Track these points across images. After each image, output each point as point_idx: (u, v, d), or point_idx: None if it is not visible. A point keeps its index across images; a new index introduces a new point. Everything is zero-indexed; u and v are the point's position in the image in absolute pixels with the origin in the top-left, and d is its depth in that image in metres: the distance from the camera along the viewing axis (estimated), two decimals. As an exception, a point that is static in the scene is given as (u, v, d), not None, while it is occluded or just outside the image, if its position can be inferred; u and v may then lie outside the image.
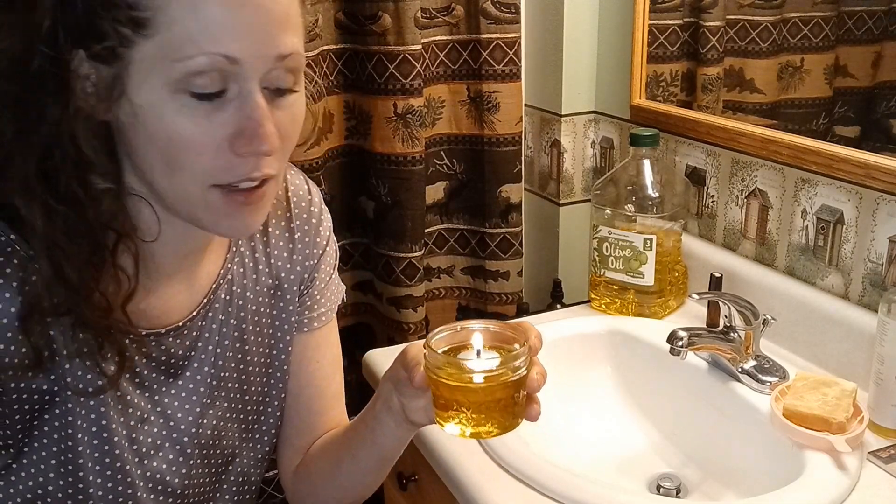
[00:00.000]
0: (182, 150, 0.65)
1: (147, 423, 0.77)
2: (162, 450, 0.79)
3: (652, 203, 1.28)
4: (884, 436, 1.00)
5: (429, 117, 1.51)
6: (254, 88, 0.66)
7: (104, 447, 0.74)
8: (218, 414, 0.84)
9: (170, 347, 0.78)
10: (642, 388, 1.23)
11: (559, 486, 0.92)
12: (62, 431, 0.72)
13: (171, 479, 0.81)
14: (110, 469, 0.75)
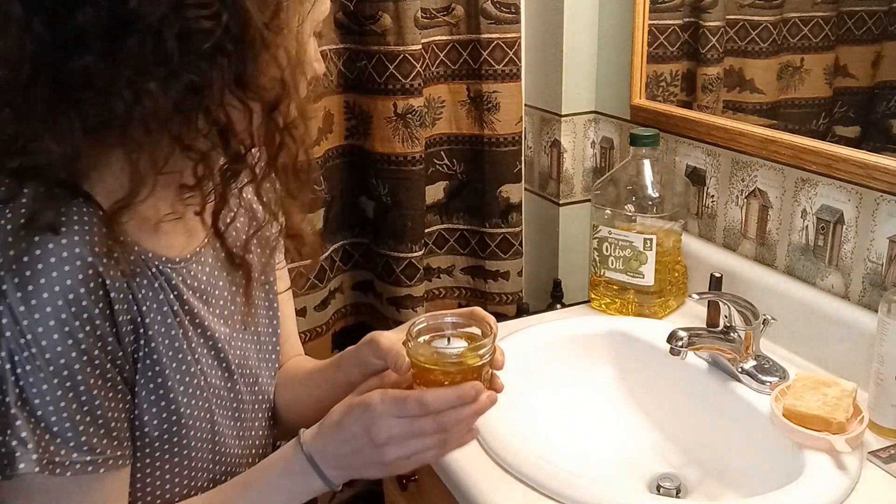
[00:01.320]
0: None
1: (199, 345, 0.82)
2: (214, 368, 0.84)
3: (652, 203, 1.28)
4: (884, 436, 1.00)
5: (429, 117, 1.51)
6: None
7: (182, 367, 0.79)
8: (239, 336, 0.89)
9: (198, 274, 0.82)
10: (642, 388, 1.23)
11: (559, 486, 0.92)
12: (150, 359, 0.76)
13: (226, 394, 0.86)
14: (191, 387, 0.80)
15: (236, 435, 0.88)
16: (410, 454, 0.77)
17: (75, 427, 0.69)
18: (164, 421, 0.78)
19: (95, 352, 0.70)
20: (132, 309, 0.73)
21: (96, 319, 0.69)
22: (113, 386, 0.72)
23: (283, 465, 0.79)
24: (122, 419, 0.74)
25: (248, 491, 0.79)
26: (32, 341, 0.67)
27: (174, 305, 0.78)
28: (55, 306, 0.67)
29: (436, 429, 0.76)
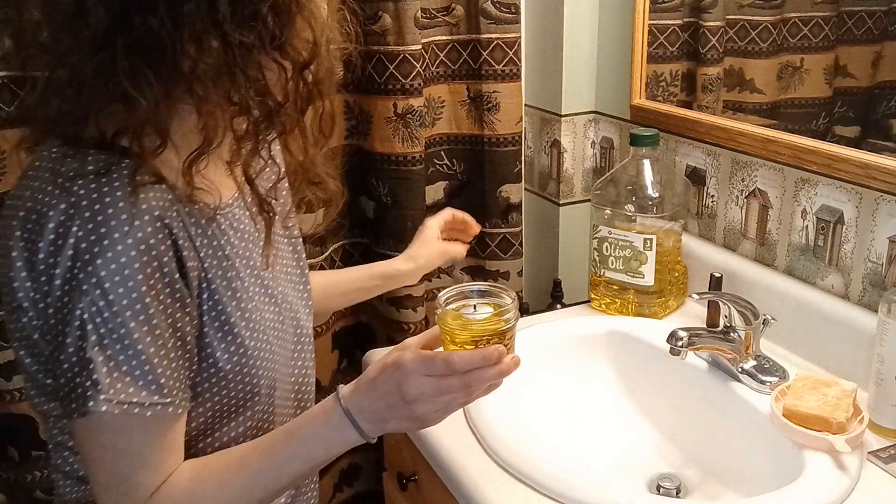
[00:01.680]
0: None
1: (251, 284, 0.88)
2: (266, 304, 0.90)
3: (652, 203, 1.28)
4: (884, 436, 1.00)
5: (429, 117, 1.51)
6: None
7: (241, 304, 0.85)
8: (280, 276, 0.95)
9: (242, 217, 0.88)
10: (642, 388, 1.23)
11: (559, 486, 0.93)
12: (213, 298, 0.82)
13: (278, 326, 0.92)
14: (251, 321, 0.86)
15: (288, 363, 0.95)
16: (439, 409, 0.82)
17: (145, 370, 0.75)
18: (233, 354, 0.84)
19: (167, 300, 0.76)
20: (196, 257, 0.80)
21: (165, 268, 0.75)
22: (182, 337, 0.78)
23: (323, 418, 0.84)
24: (184, 367, 0.79)
25: (291, 440, 0.84)
26: (110, 289, 0.72)
27: (226, 249, 0.85)
28: (129, 256, 0.72)
29: (461, 387, 0.81)
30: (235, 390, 0.86)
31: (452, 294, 0.89)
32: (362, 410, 0.82)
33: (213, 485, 0.82)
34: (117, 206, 0.73)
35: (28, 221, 0.75)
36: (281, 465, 0.83)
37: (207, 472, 0.82)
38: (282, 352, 0.93)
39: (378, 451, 1.32)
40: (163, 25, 0.71)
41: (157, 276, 0.75)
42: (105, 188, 0.73)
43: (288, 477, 0.83)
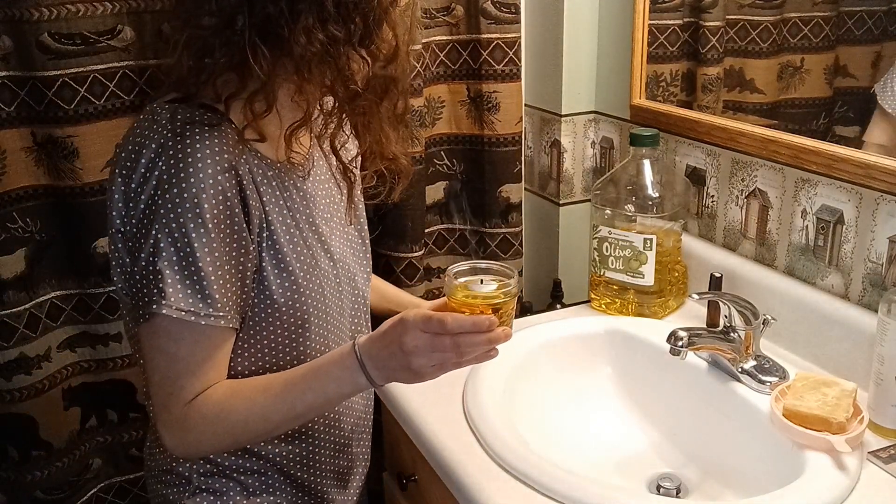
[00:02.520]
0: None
1: (310, 237, 1.00)
2: (322, 257, 1.01)
3: (652, 203, 1.28)
4: (884, 436, 1.00)
5: (429, 117, 1.51)
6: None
7: (297, 248, 0.97)
8: (338, 238, 1.06)
9: (307, 182, 1.00)
10: (642, 388, 1.23)
11: (559, 486, 0.93)
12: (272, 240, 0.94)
13: (333, 278, 1.03)
14: (304, 263, 0.97)
15: (346, 318, 1.07)
16: (433, 363, 0.89)
17: (203, 285, 0.87)
18: (286, 289, 0.96)
19: (230, 231, 0.88)
20: (259, 201, 0.92)
21: (229, 201, 0.88)
22: (240, 266, 0.90)
23: (339, 360, 0.93)
24: (238, 292, 0.91)
25: (310, 374, 0.94)
26: (182, 214, 0.85)
27: (288, 202, 0.97)
28: (200, 189, 0.85)
29: (452, 347, 0.88)
30: (288, 322, 0.97)
31: (463, 269, 0.96)
32: (371, 357, 0.91)
33: (241, 401, 0.92)
34: (196, 150, 0.86)
35: (128, 159, 0.89)
36: (297, 395, 0.92)
37: (239, 389, 0.93)
38: (336, 302, 1.04)
39: (378, 451, 1.32)
40: (281, 15, 0.85)
41: (224, 209, 0.87)
42: (189, 134, 0.87)
43: (303, 405, 0.93)
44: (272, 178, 0.96)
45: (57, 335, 1.31)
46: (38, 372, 1.28)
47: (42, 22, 1.14)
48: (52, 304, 1.29)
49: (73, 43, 1.16)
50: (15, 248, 1.23)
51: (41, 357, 1.28)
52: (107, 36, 1.19)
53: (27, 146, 1.21)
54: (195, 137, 0.88)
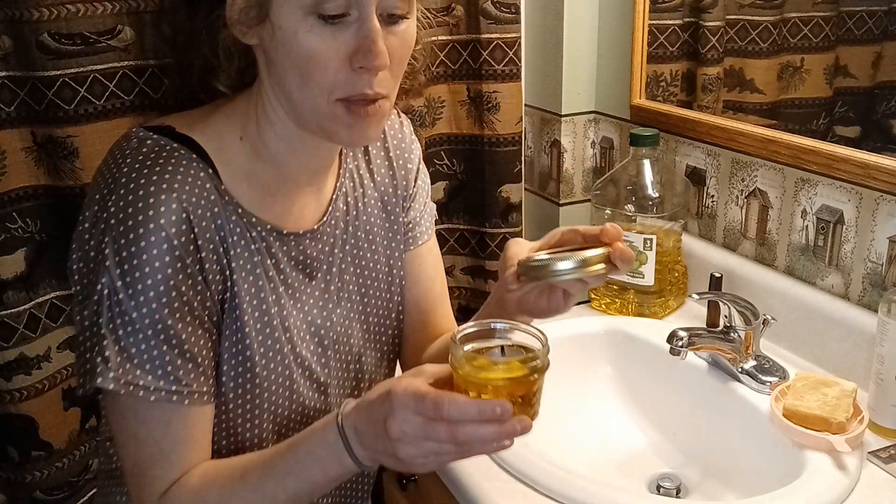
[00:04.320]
0: (312, 64, 0.77)
1: (291, 316, 0.89)
2: (305, 340, 0.91)
3: (652, 203, 1.28)
4: (884, 436, 1.00)
5: (429, 117, 1.51)
6: (371, 12, 0.76)
7: (265, 330, 0.86)
8: (343, 314, 0.96)
9: (306, 249, 0.90)
10: (642, 388, 1.23)
11: (559, 486, 0.92)
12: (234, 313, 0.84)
13: (315, 366, 0.92)
14: (271, 351, 0.87)
15: (319, 409, 0.93)
16: (425, 454, 0.72)
17: (160, 358, 0.77)
18: (238, 375, 0.85)
19: (186, 294, 0.78)
20: (221, 261, 0.82)
21: (185, 263, 0.78)
22: (201, 324, 0.80)
23: (321, 436, 0.78)
24: (208, 357, 0.81)
25: (290, 455, 0.80)
26: (129, 271, 0.76)
27: (269, 272, 0.86)
28: (150, 243, 0.76)
29: (449, 438, 0.70)
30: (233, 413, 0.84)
31: (470, 331, 0.77)
32: (357, 432, 0.76)
33: (216, 493, 0.80)
34: (149, 193, 0.77)
35: (90, 193, 0.81)
36: (278, 482, 0.79)
37: (214, 477, 0.81)
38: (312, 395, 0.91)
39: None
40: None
41: (178, 268, 0.77)
42: (146, 171, 0.78)
43: (286, 495, 0.79)
44: (253, 241, 0.84)
45: (57, 335, 1.30)
46: (37, 372, 1.28)
47: (42, 22, 1.13)
48: (51, 304, 1.29)
49: (73, 43, 1.16)
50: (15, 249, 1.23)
51: (41, 357, 1.28)
52: (107, 36, 1.19)
53: (27, 146, 1.21)
54: (152, 177, 0.77)
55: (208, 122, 0.85)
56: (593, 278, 0.80)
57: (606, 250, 0.79)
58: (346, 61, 0.77)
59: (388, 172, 1.01)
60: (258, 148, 0.86)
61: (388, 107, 0.83)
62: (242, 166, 0.85)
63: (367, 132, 0.82)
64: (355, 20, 0.77)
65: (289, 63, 0.78)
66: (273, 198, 0.87)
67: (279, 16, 0.77)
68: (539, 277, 0.80)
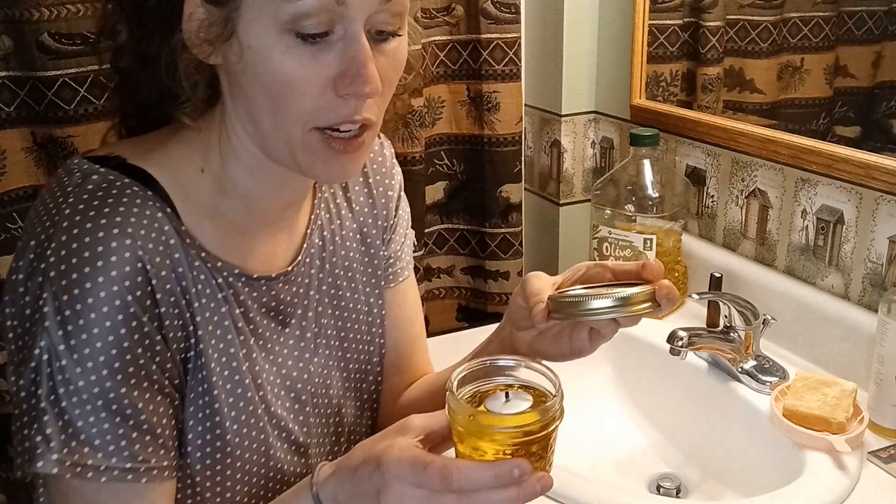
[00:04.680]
0: (287, 90, 0.67)
1: (264, 371, 0.79)
2: (280, 397, 0.80)
3: (652, 203, 1.28)
4: (884, 436, 1.00)
5: (429, 117, 1.51)
6: (358, 30, 0.66)
7: (237, 390, 0.75)
8: (321, 362, 0.85)
9: (279, 294, 0.80)
10: (642, 388, 1.23)
11: (559, 486, 0.92)
12: (201, 373, 0.73)
13: (293, 426, 0.82)
14: (244, 413, 0.76)
15: (299, 473, 0.82)
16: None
17: (111, 432, 0.66)
18: (207, 444, 0.74)
19: (140, 355, 0.67)
20: (183, 315, 0.71)
21: (143, 316, 0.67)
22: (159, 390, 0.69)
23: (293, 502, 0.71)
24: (169, 426, 0.70)
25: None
26: (73, 333, 0.64)
27: (238, 322, 0.75)
28: (98, 298, 0.65)
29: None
30: (200, 485, 0.74)
31: (468, 372, 0.67)
32: (338, 502, 0.67)
33: None
34: (97, 239, 0.65)
35: (25, 236, 0.70)
36: None
37: None
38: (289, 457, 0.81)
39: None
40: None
41: (132, 327, 0.66)
42: (92, 213, 0.66)
43: None
44: (220, 288, 0.74)
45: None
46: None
47: (42, 22, 1.13)
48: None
49: (73, 43, 1.16)
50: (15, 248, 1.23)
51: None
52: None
53: (27, 146, 1.21)
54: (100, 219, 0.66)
55: (165, 152, 0.73)
56: (632, 319, 0.73)
57: (651, 287, 0.71)
58: (328, 87, 0.67)
59: (368, 201, 0.92)
60: (222, 182, 0.75)
61: (373, 137, 0.73)
62: (205, 203, 0.74)
63: (347, 168, 0.72)
64: (340, 38, 0.66)
65: (259, 88, 0.68)
66: (240, 237, 0.77)
67: (249, 34, 0.66)
68: (575, 315, 0.70)
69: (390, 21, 0.69)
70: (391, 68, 0.71)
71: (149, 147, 0.74)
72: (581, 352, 0.77)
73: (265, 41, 0.65)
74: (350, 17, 0.66)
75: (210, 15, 0.66)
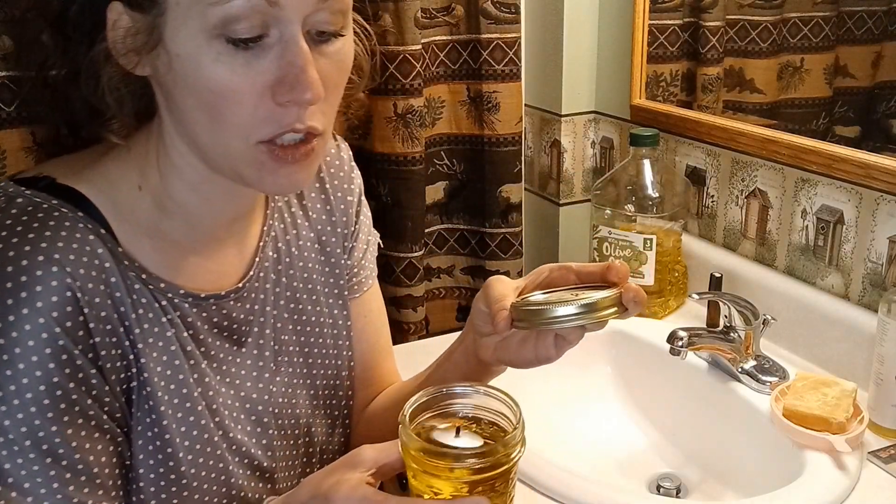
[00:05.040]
0: (221, 100, 0.62)
1: (220, 395, 0.74)
2: (240, 422, 0.76)
3: (652, 203, 1.28)
4: (884, 436, 1.00)
5: (429, 117, 1.51)
6: (296, 32, 0.62)
7: (189, 419, 0.71)
8: (285, 380, 0.81)
9: (231, 312, 0.76)
10: (642, 388, 1.23)
11: (559, 486, 0.92)
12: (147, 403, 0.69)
13: (255, 451, 0.77)
14: (199, 444, 0.72)
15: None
16: None
17: (42, 475, 0.61)
18: (160, 477, 0.70)
19: (71, 385, 0.63)
20: (122, 344, 0.67)
21: (75, 349, 0.63)
22: (97, 427, 0.65)
23: None
24: (110, 464, 0.66)
25: None
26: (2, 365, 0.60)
27: (187, 346, 0.72)
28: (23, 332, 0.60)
29: None
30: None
31: (422, 402, 0.63)
32: None
33: None
34: (21, 268, 0.61)
35: None
36: None
37: None
38: (253, 483, 0.78)
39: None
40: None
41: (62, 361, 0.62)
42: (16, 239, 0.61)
43: None
44: (164, 311, 0.69)
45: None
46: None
47: (42, 22, 1.13)
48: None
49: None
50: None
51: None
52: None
53: (27, 146, 1.21)
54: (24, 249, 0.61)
55: (98, 169, 0.69)
56: (599, 324, 0.69)
57: (617, 291, 0.68)
58: (265, 95, 0.62)
59: (325, 208, 0.87)
60: (162, 199, 0.70)
61: (324, 144, 0.68)
62: (144, 222, 0.69)
63: (298, 177, 0.67)
64: (276, 42, 0.61)
65: (192, 100, 0.63)
66: (185, 256, 0.72)
67: (176, 41, 0.61)
68: (539, 324, 0.68)
69: (331, 20, 0.64)
70: (335, 71, 0.66)
71: (82, 165, 0.69)
72: (547, 359, 0.74)
73: (194, 48, 0.61)
74: (285, 18, 0.61)
75: (135, 22, 0.62)
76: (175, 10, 0.61)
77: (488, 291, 0.73)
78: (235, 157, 0.65)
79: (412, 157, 1.44)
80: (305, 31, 0.62)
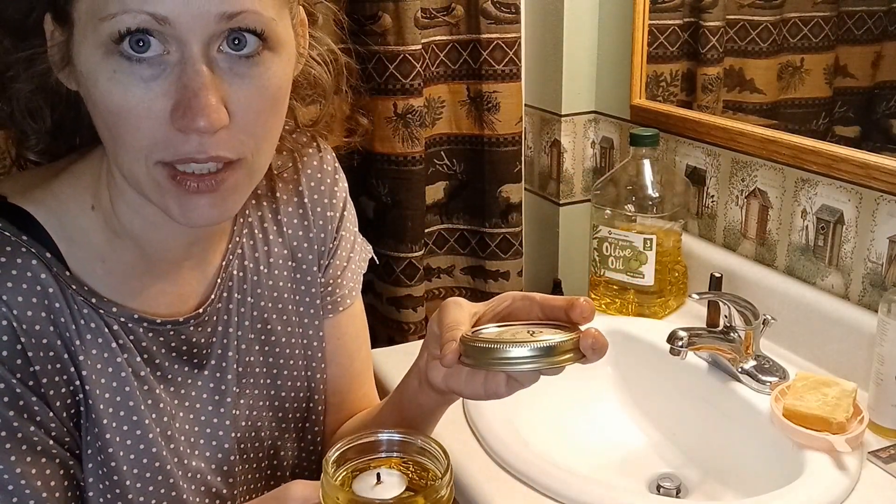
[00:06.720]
0: (120, 121, 0.58)
1: (177, 419, 0.72)
2: (198, 448, 0.74)
3: (652, 203, 1.28)
4: (884, 436, 1.00)
5: (429, 117, 1.51)
6: (194, 53, 0.56)
7: (139, 446, 0.69)
8: (249, 403, 0.78)
9: (191, 337, 0.72)
10: (642, 388, 1.23)
11: (559, 486, 0.92)
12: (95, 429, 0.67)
13: (213, 478, 0.75)
14: (149, 471, 0.69)
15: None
16: None
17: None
18: (108, 502, 0.68)
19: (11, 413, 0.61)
20: (67, 370, 0.65)
21: (12, 378, 0.61)
22: (44, 452, 0.63)
23: None
24: (60, 488, 0.64)
25: None
26: None
27: (140, 371, 0.69)
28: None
29: None
30: None
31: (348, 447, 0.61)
32: None
33: None
34: None
35: None
36: None
37: None
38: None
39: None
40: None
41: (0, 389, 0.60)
42: None
43: None
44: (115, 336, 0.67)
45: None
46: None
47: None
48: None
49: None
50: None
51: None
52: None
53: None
54: None
55: (50, 188, 0.66)
56: (554, 370, 0.62)
57: (575, 335, 0.61)
58: (163, 119, 0.57)
59: (303, 223, 0.82)
60: (112, 221, 0.67)
61: (248, 175, 0.62)
62: (97, 243, 0.66)
63: (210, 212, 0.61)
64: (177, 62, 0.57)
65: (98, 119, 0.60)
66: (139, 279, 0.69)
67: (80, 57, 0.58)
68: (488, 364, 0.62)
69: (245, 38, 0.58)
70: (256, 95, 0.60)
71: (34, 183, 0.66)
72: (497, 394, 0.67)
73: (93, 65, 0.57)
74: (180, 37, 0.56)
75: (60, 35, 0.60)
76: (78, 25, 0.58)
77: (442, 316, 0.68)
78: (139, 179, 0.61)
79: (412, 157, 1.44)
80: (218, 50, 0.58)
